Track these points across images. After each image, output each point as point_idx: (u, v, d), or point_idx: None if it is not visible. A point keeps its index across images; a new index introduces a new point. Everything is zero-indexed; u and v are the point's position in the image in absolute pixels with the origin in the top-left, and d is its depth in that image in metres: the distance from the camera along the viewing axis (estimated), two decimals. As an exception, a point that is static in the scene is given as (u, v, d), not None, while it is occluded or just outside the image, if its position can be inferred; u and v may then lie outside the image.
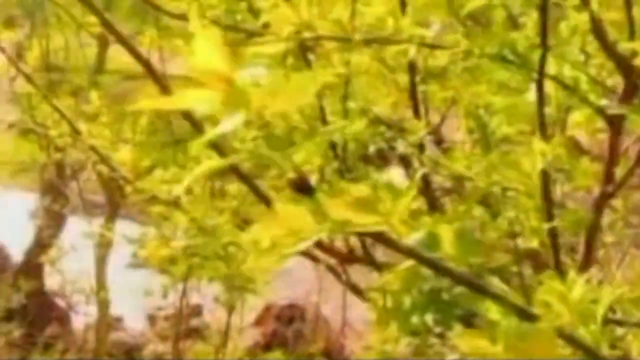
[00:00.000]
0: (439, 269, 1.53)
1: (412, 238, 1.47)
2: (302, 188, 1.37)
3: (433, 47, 3.16)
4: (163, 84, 2.59)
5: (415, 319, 3.09)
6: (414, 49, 3.09)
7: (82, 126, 5.11)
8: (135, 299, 13.91)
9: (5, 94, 14.85)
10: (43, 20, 12.94)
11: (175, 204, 4.32)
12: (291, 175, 1.35)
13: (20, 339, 12.71)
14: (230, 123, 1.32)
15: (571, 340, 1.66)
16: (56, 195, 13.24)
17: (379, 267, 3.43)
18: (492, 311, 1.79)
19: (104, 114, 5.55)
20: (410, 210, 1.45)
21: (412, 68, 3.60)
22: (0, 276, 13.58)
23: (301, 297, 12.79)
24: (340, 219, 1.37)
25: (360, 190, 1.36)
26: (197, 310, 12.96)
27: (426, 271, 2.76)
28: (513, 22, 3.55)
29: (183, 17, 4.70)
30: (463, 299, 3.13)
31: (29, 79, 5.13)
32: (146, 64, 2.74)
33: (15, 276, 13.46)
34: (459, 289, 3.21)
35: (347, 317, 12.81)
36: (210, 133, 1.35)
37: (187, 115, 2.57)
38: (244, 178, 2.66)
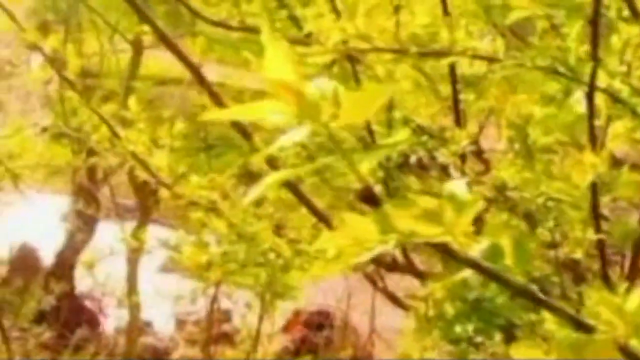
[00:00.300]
0: (500, 280, 1.53)
1: (475, 249, 1.48)
2: (368, 198, 1.39)
3: (486, 59, 3.17)
4: (213, 91, 2.62)
5: (458, 328, 3.10)
6: (465, 61, 3.10)
7: (119, 132, 5.15)
8: (164, 303, 13.99)
9: (40, 99, 15.01)
10: (77, 25, 13.05)
11: (214, 210, 4.35)
12: (357, 185, 1.37)
13: (51, 341, 12.81)
14: (298, 134, 1.34)
15: (628, 352, 1.66)
16: (88, 199, 13.35)
17: (420, 275, 3.44)
18: (548, 322, 1.80)
19: (141, 120, 5.58)
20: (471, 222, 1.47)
21: (454, 78, 3.62)
22: (32, 278, 13.70)
23: (330, 304, 12.80)
24: (406, 229, 1.39)
25: (428, 201, 1.38)
26: (226, 316, 13.01)
27: (472, 281, 2.77)
28: (556, 32, 3.55)
29: (221, 24, 4.75)
30: (505, 309, 3.14)
31: (71, 84, 5.17)
32: (197, 72, 2.77)
33: (46, 278, 13.58)
34: (500, 299, 3.22)
35: (376, 325, 12.81)
36: (277, 144, 1.37)
37: (237, 125, 2.59)
38: (301, 195, 2.69)
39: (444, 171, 3.67)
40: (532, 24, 3.86)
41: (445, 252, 1.48)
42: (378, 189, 1.35)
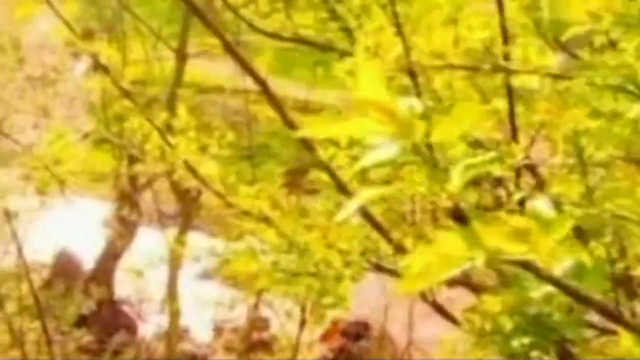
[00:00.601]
0: (582, 299, 1.55)
1: (559, 268, 1.49)
2: (457, 216, 1.41)
3: (556, 76, 3.18)
4: (279, 104, 2.65)
5: (515, 342, 3.10)
6: (536, 79, 3.11)
7: (170, 140, 5.19)
8: (202, 310, 14.07)
9: (83, 105, 15.17)
10: (121, 32, 13.18)
11: (265, 219, 4.39)
12: (447, 204, 1.39)
13: (91, 345, 12.93)
14: (390, 151, 1.37)
15: None
16: (128, 205, 13.46)
17: (476, 289, 3.45)
18: (624, 339, 1.81)
19: (190, 128, 5.63)
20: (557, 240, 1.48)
21: (509, 92, 3.62)
22: (73, 283, 13.84)
23: (368, 315, 12.80)
24: (494, 247, 1.41)
25: (517, 220, 1.40)
26: (265, 324, 13.05)
27: (533, 297, 2.78)
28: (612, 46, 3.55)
29: (275, 36, 4.79)
30: (563, 326, 3.14)
31: (126, 93, 5.23)
32: (262, 83, 2.80)
33: (86, 283, 13.71)
34: (558, 316, 3.22)
35: (413, 337, 12.79)
36: (369, 160, 1.40)
37: (304, 140, 2.62)
38: (371, 219, 2.70)
39: (499, 185, 3.67)
40: (578, 37, 3.86)
41: (529, 269, 1.50)
42: (462, 205, 1.37)
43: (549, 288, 1.62)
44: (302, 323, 8.93)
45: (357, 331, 12.82)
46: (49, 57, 14.93)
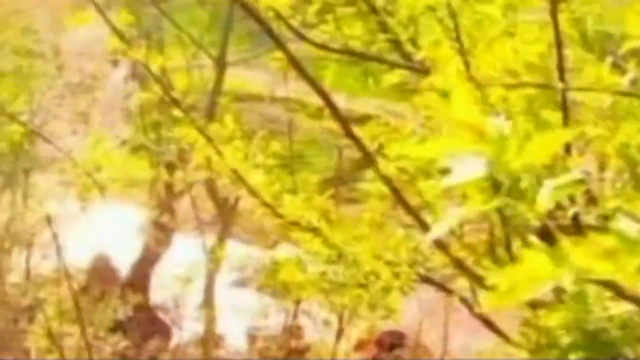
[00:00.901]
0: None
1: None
2: (545, 235, 1.42)
3: (629, 94, 3.18)
4: (342, 118, 2.67)
5: (572, 357, 3.11)
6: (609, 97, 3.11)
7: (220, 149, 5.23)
8: (237, 317, 14.12)
9: (121, 112, 15.31)
10: (160, 40, 13.28)
11: (313, 230, 4.41)
12: (536, 223, 1.40)
13: (126, 350, 13.01)
14: (480, 170, 1.39)
15: None
16: (165, 211, 13.55)
17: (533, 305, 3.44)
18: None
19: (236, 137, 5.67)
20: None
21: (564, 106, 3.62)
22: (109, 288, 13.94)
23: (403, 325, 12.78)
24: (581, 266, 1.42)
25: (604, 240, 1.41)
26: (299, 332, 13.07)
27: (597, 314, 2.78)
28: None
29: (325, 47, 4.81)
30: (621, 342, 3.14)
31: (176, 102, 5.29)
32: (326, 97, 2.83)
33: (122, 289, 13.80)
34: (616, 332, 3.21)
35: (448, 348, 12.75)
36: (458, 178, 1.41)
37: (362, 148, 2.64)
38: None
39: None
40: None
41: (612, 289, 1.51)
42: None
43: (628, 307, 1.62)
44: (339, 332, 8.94)
45: (392, 341, 12.81)
46: (88, 64, 15.07)
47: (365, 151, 2.58)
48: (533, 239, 1.40)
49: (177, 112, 5.28)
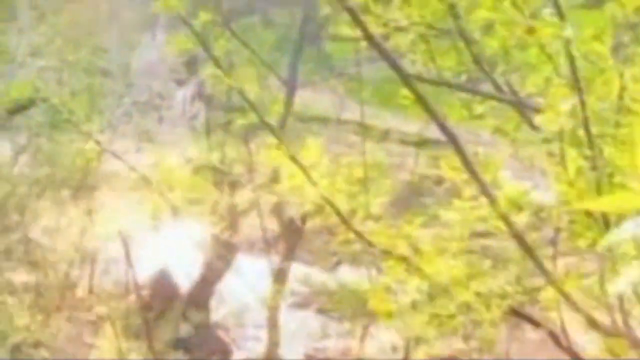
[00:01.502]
0: None
1: None
2: None
3: None
4: (464, 154, 2.70)
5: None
6: None
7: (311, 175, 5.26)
8: (295, 338, 14.13)
9: (187, 131, 15.49)
10: (227, 60, 13.40)
11: (405, 259, 4.43)
12: None
13: (186, 367, 13.11)
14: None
15: None
16: (228, 230, 13.64)
17: (638, 343, 3.44)
18: None
19: (322, 163, 5.70)
20: None
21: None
22: (170, 305, 14.06)
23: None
24: None
25: None
26: (360, 355, 13.06)
27: None
28: None
29: (420, 78, 4.84)
30: None
31: (271, 129, 5.35)
32: (451, 136, 2.86)
33: (184, 306, 13.91)
34: None
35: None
36: (623, 234, 1.43)
37: (481, 183, 2.66)
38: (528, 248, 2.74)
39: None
40: None
41: None
42: None
43: None
44: (406, 358, 8.93)
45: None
46: (155, 83, 15.28)
47: (483, 186, 2.59)
48: None
49: (271, 139, 5.34)
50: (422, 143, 12.74)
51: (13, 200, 11.87)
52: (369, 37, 3.11)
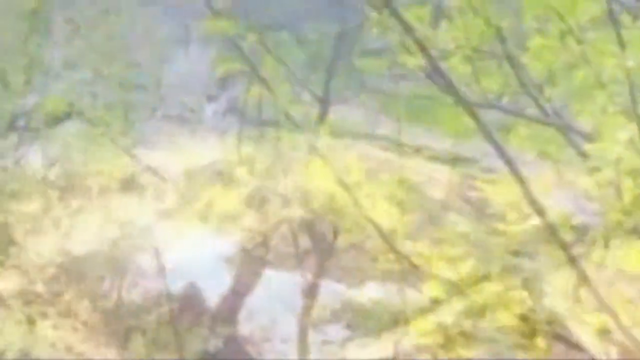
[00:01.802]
0: None
1: None
2: None
3: None
4: (523, 181, 2.71)
5: None
6: None
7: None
8: (321, 353, 14.10)
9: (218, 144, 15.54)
10: (261, 76, 13.47)
11: (454, 285, 4.44)
12: None
13: (213, 381, 13.09)
14: None
15: None
16: (257, 244, 13.68)
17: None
18: None
19: (364, 182, 5.74)
20: None
21: None
22: (197, 318, 14.08)
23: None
24: None
25: None
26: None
27: None
28: None
29: (465, 102, 4.86)
30: None
31: (311, 146, 5.38)
32: (510, 163, 2.88)
33: (212, 320, 13.92)
34: None
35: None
36: None
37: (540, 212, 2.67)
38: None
39: None
40: None
41: None
42: None
43: None
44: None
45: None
46: (186, 97, 15.38)
47: (540, 210, 2.60)
48: None
49: (303, 154, 5.37)
50: (454, 160, 12.74)
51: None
52: (435, 67, 3.14)
